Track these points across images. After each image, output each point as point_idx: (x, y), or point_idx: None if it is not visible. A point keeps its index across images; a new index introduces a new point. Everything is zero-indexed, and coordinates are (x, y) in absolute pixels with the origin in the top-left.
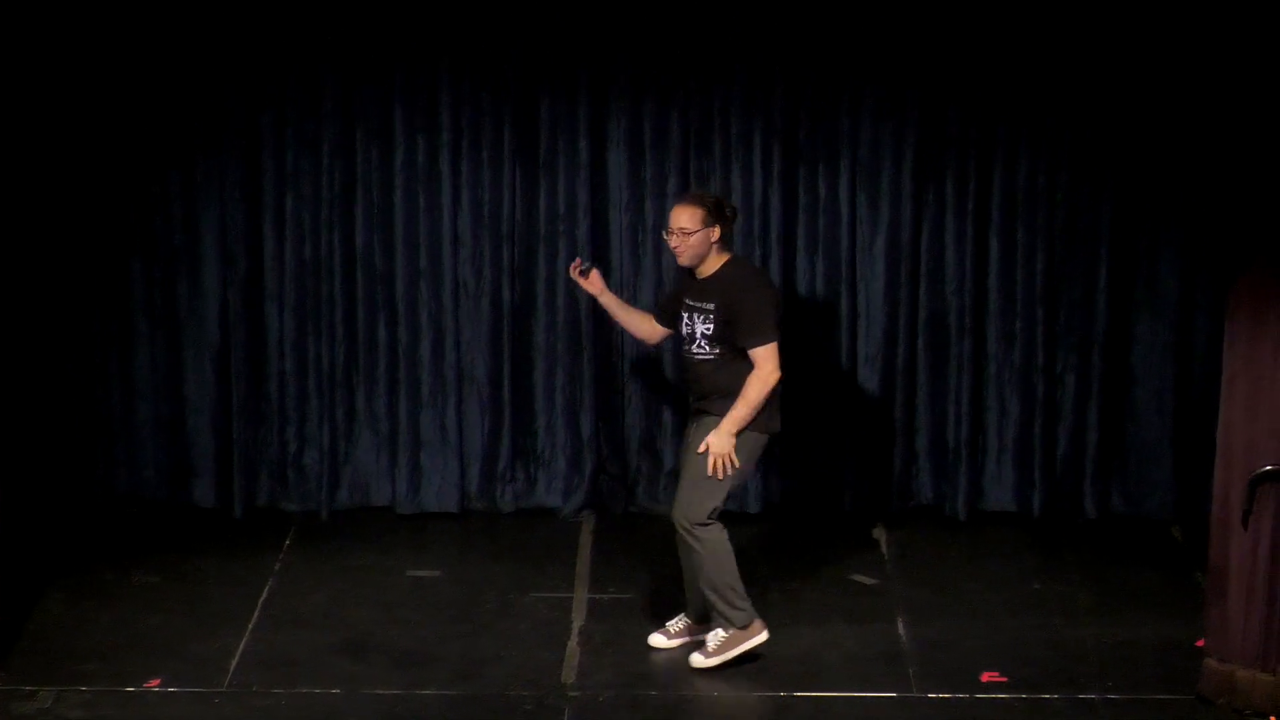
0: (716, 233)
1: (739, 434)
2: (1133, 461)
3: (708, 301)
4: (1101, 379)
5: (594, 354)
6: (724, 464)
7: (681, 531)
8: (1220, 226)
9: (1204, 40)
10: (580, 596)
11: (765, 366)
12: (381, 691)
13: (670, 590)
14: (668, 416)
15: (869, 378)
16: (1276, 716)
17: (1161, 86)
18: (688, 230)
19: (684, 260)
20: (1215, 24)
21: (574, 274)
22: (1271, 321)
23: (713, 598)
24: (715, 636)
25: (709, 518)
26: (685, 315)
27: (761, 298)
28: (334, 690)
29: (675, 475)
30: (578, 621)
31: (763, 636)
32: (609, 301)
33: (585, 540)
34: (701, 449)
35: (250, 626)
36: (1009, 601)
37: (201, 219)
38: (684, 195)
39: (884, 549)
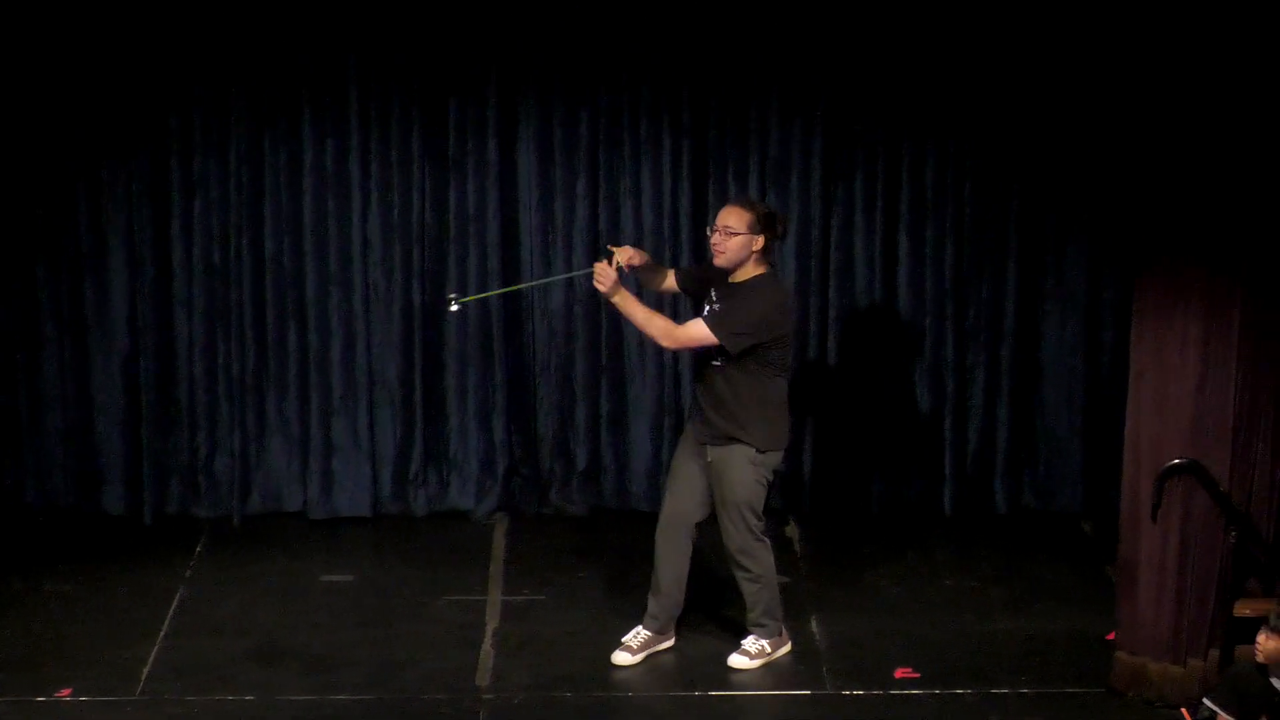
0: (760, 242)
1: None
2: (1043, 457)
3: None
4: (1011, 375)
5: (505, 356)
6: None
7: (736, 562)
8: (1127, 223)
9: (1106, 41)
10: (494, 599)
11: (689, 331)
12: (295, 697)
13: (585, 590)
14: (580, 418)
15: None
16: (1187, 708)
17: (1065, 85)
18: (732, 230)
19: (720, 261)
20: (1117, 25)
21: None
22: (1178, 317)
23: (755, 614)
24: (756, 643)
25: (761, 528)
26: (707, 309)
27: (754, 307)
28: (247, 696)
29: (587, 475)
30: (492, 624)
31: (789, 646)
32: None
33: (499, 542)
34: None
35: (162, 634)
36: (921, 598)
37: (109, 224)
38: (739, 197)
39: (797, 547)
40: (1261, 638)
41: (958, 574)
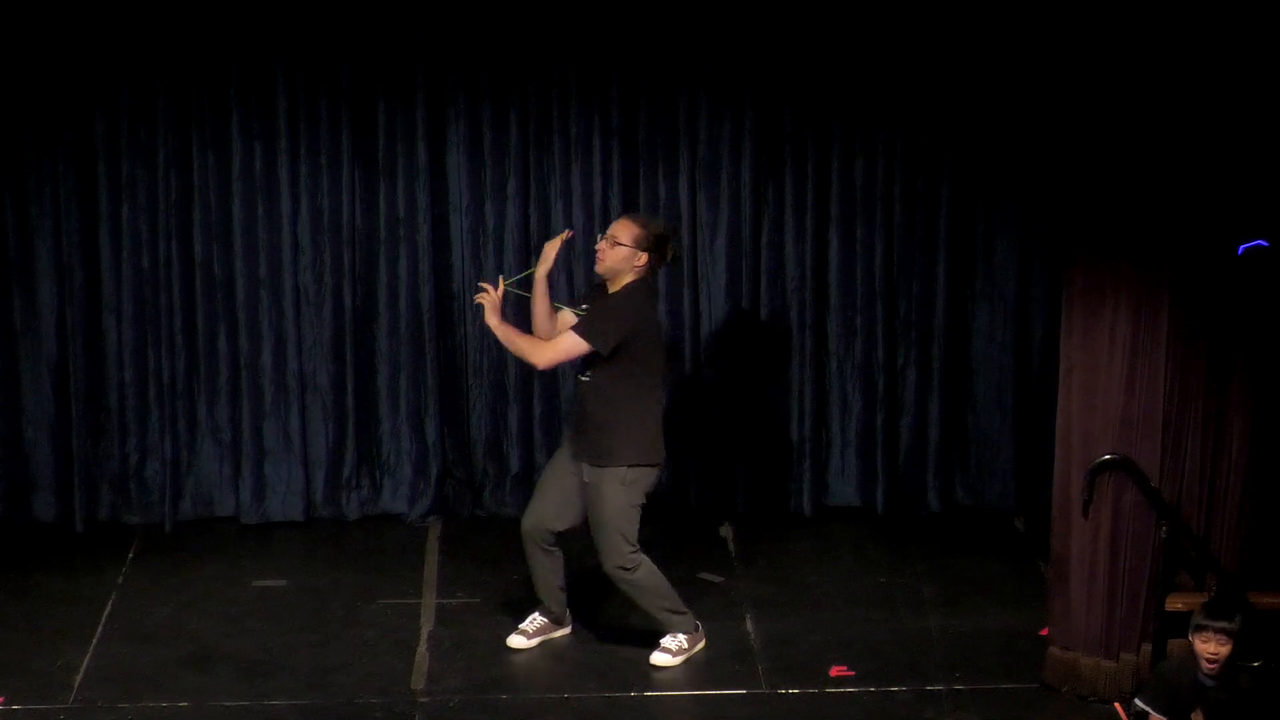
0: (643, 259)
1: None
2: (974, 454)
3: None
4: (942, 373)
5: (437, 359)
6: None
7: (614, 578)
8: (1056, 220)
9: (1037, 39)
10: (428, 602)
11: (558, 346)
12: (229, 703)
13: (519, 593)
14: (513, 420)
15: (712, 376)
16: (1120, 703)
17: (996, 83)
18: (618, 241)
19: (599, 267)
20: (1048, 24)
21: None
22: (1106, 313)
23: (660, 618)
24: (674, 640)
25: (634, 551)
26: (576, 321)
27: (620, 307)
28: (181, 703)
29: (520, 478)
30: (426, 627)
31: (703, 642)
32: (543, 302)
33: (432, 546)
34: (592, 493)
35: (94, 641)
36: (855, 596)
37: (36, 230)
38: (638, 214)
39: (730, 546)
40: (1207, 646)
41: (891, 571)
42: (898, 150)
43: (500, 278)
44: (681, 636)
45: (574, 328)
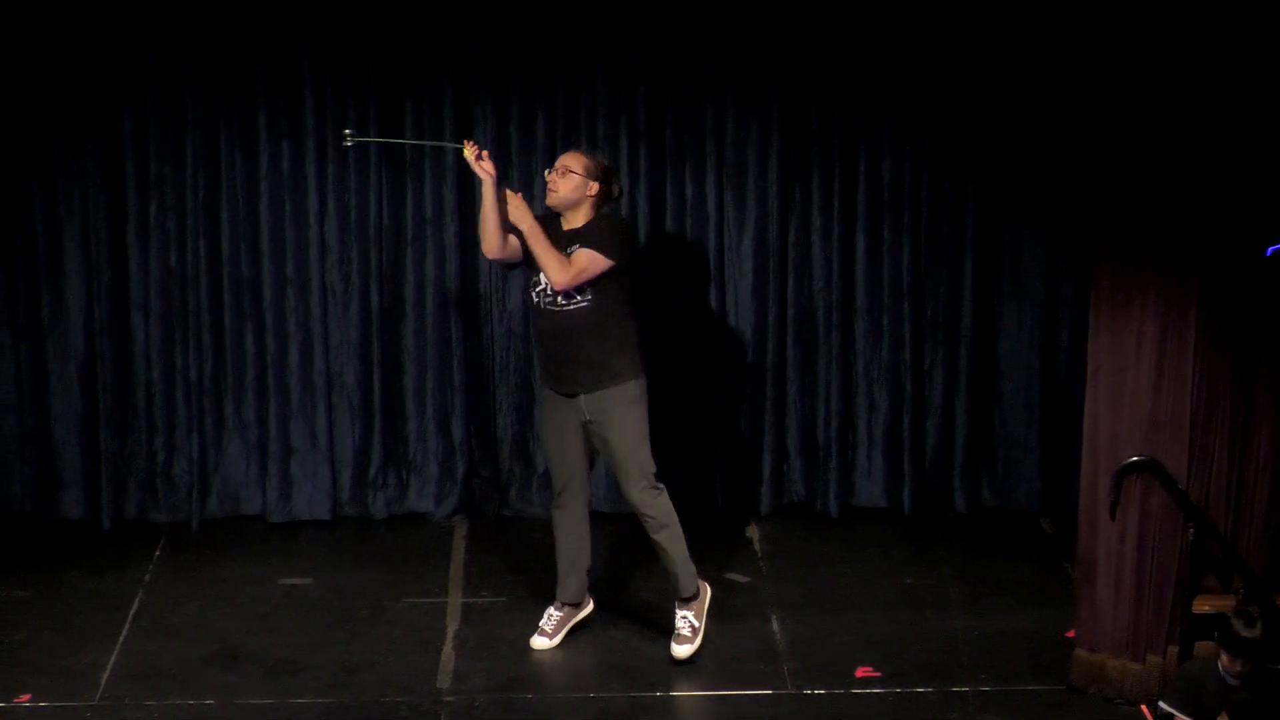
0: (594, 189)
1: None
2: (1001, 455)
3: (568, 248)
4: (969, 373)
5: (464, 358)
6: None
7: (638, 507)
8: (1083, 220)
9: (1064, 39)
10: (454, 601)
11: (579, 263)
12: (255, 701)
13: (545, 592)
14: (539, 419)
15: (738, 376)
16: (1146, 705)
17: (1024, 83)
18: (569, 169)
19: (552, 199)
20: (1075, 24)
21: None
22: (1134, 313)
23: (679, 569)
24: (687, 623)
25: (656, 480)
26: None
27: (618, 225)
28: (207, 701)
29: (546, 477)
30: (452, 626)
31: (709, 592)
32: (492, 198)
33: (458, 545)
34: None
35: (121, 639)
36: (881, 596)
37: (64, 229)
38: (580, 146)
39: (757, 546)
40: (1234, 665)
41: (917, 572)
42: (925, 150)
43: (347, 132)
44: (690, 615)
45: (585, 246)
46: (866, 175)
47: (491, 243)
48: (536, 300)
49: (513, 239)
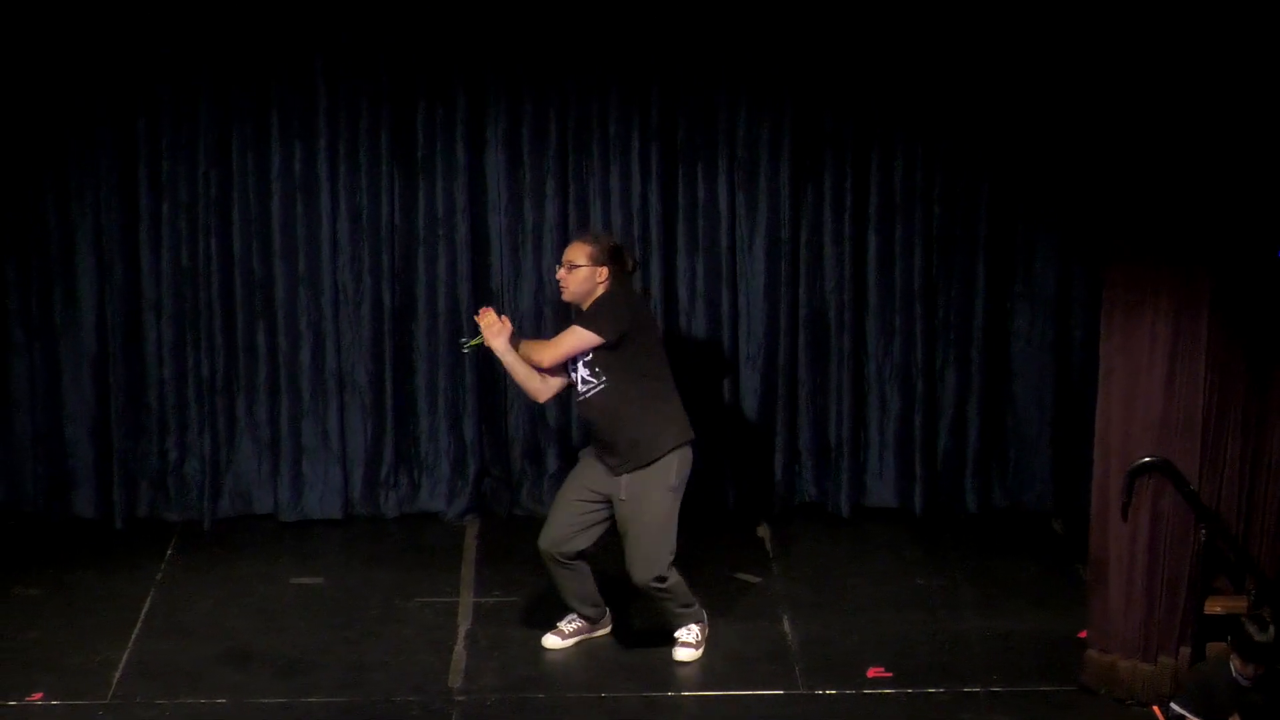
0: (604, 274)
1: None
2: (1013, 455)
3: None
4: (981, 374)
5: (475, 357)
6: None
7: (648, 590)
8: (1096, 220)
9: (1076, 40)
10: (465, 600)
11: (563, 341)
12: (266, 700)
13: (555, 592)
14: (551, 419)
15: (750, 377)
16: (1158, 706)
17: (1035, 84)
18: (575, 264)
19: (565, 295)
20: (1088, 25)
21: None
22: (1146, 315)
23: (675, 618)
24: (691, 633)
25: (671, 559)
26: (570, 361)
27: (613, 304)
28: (219, 700)
29: (558, 477)
30: (463, 625)
31: (705, 621)
32: (511, 355)
33: (470, 544)
34: (630, 502)
35: (133, 637)
36: (893, 597)
37: (77, 227)
38: (584, 233)
39: (768, 547)
40: (1246, 669)
41: (928, 573)
42: (937, 151)
43: (462, 341)
44: (694, 627)
45: (576, 322)
46: (879, 176)
47: (532, 391)
48: (575, 393)
49: (549, 376)
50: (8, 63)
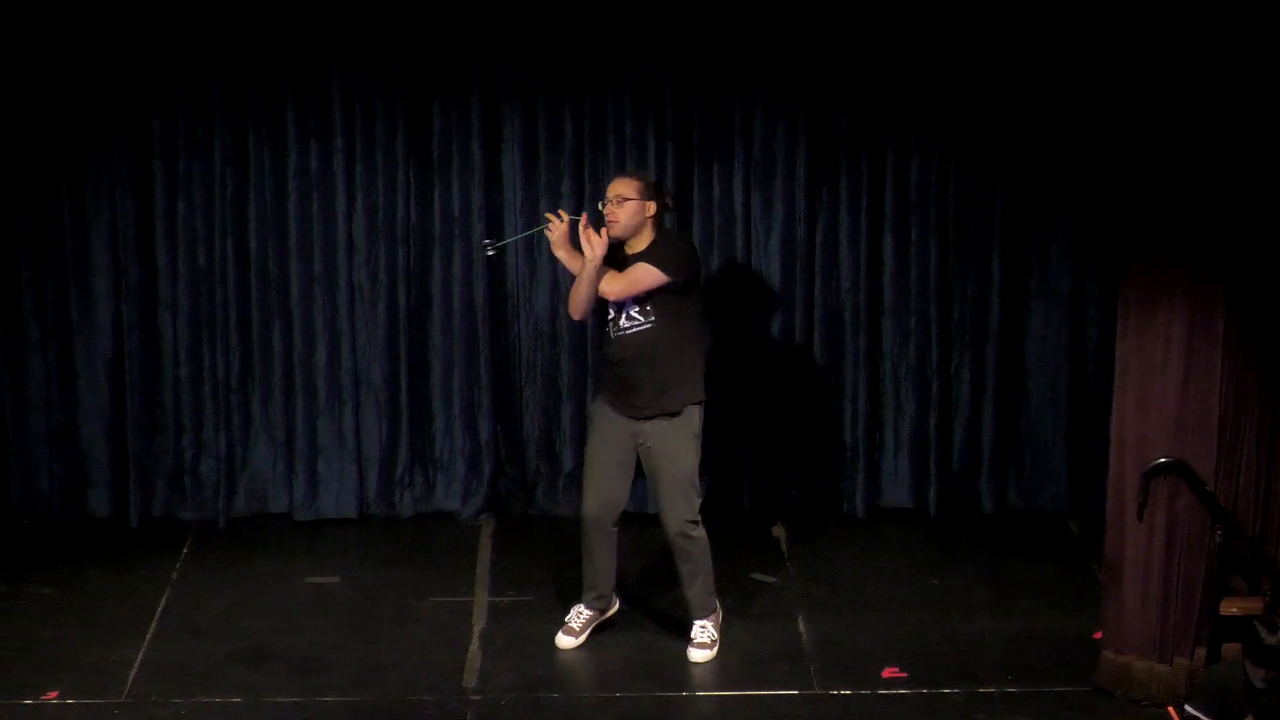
0: (652, 208)
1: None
2: (1028, 456)
3: None
4: (996, 374)
5: (491, 357)
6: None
7: (676, 538)
8: (1111, 220)
9: (1092, 40)
10: (480, 600)
11: (632, 275)
12: (281, 699)
13: (571, 591)
14: (566, 419)
15: (765, 376)
16: (1173, 707)
17: (1050, 84)
18: (625, 197)
19: (615, 230)
20: (1103, 24)
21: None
22: (1161, 315)
23: (702, 596)
24: (706, 632)
25: (697, 515)
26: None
27: (681, 245)
28: (234, 699)
29: (573, 476)
30: (478, 625)
31: (720, 613)
32: (593, 272)
33: (485, 543)
34: (655, 446)
35: (148, 636)
36: (907, 597)
37: (92, 226)
38: (623, 170)
39: (783, 547)
40: (1258, 672)
41: (943, 573)
42: (952, 151)
43: (486, 242)
44: (709, 625)
45: (643, 260)
46: (894, 176)
47: (582, 309)
48: (608, 331)
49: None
50: (22, 63)
